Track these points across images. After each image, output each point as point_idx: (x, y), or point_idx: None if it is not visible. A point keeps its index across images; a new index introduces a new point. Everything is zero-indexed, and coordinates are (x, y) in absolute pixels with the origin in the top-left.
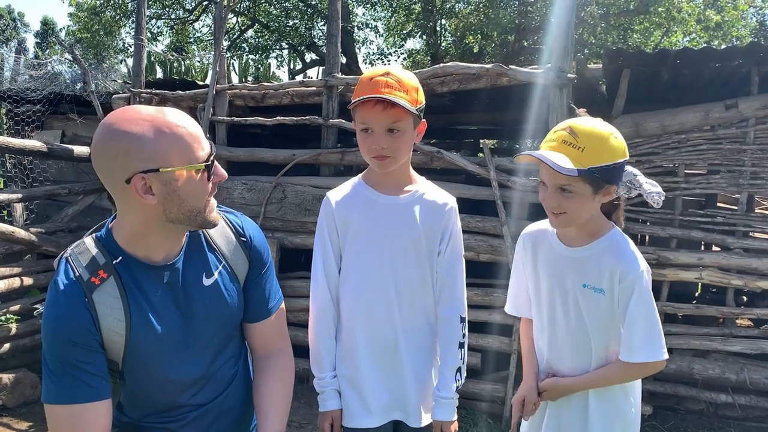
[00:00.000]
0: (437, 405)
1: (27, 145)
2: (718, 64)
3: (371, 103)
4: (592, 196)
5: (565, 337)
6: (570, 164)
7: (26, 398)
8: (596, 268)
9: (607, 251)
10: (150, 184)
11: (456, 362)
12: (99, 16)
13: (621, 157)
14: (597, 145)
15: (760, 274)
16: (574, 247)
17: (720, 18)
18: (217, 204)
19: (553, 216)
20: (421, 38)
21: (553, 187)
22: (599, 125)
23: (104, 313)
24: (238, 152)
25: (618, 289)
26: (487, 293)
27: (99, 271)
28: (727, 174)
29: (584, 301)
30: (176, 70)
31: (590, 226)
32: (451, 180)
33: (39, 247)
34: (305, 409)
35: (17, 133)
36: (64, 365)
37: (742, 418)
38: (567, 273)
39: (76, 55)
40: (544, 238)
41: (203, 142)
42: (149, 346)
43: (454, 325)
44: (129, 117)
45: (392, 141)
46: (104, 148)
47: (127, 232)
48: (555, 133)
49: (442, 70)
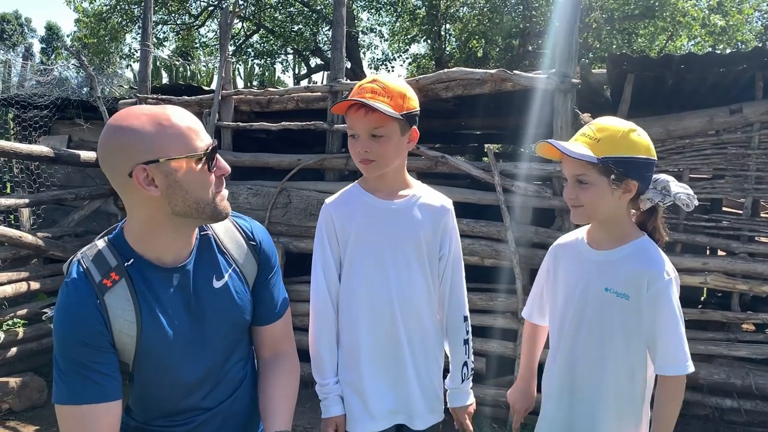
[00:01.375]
0: (450, 396)
1: (34, 150)
2: (723, 69)
3: (355, 107)
4: (609, 189)
5: (583, 343)
6: (585, 150)
7: (33, 402)
8: (622, 272)
9: (634, 256)
10: (152, 176)
11: (462, 357)
12: (105, 22)
13: (642, 153)
14: (613, 137)
15: (765, 279)
16: (601, 250)
17: (725, 22)
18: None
19: (573, 209)
20: (426, 43)
21: (570, 178)
22: (620, 122)
23: (116, 315)
24: (244, 157)
25: (646, 296)
26: (491, 298)
27: (111, 273)
28: (731, 178)
29: (605, 306)
30: (182, 75)
31: (618, 229)
32: (456, 184)
33: (46, 251)
34: (310, 413)
35: (24, 138)
36: (75, 366)
37: (748, 423)
38: (591, 276)
39: (83, 61)
40: (574, 246)
41: (203, 135)
42: (160, 348)
43: (458, 324)
44: (131, 114)
45: (376, 146)
46: (107, 144)
47: (137, 231)
48: (578, 132)
49: (447, 76)
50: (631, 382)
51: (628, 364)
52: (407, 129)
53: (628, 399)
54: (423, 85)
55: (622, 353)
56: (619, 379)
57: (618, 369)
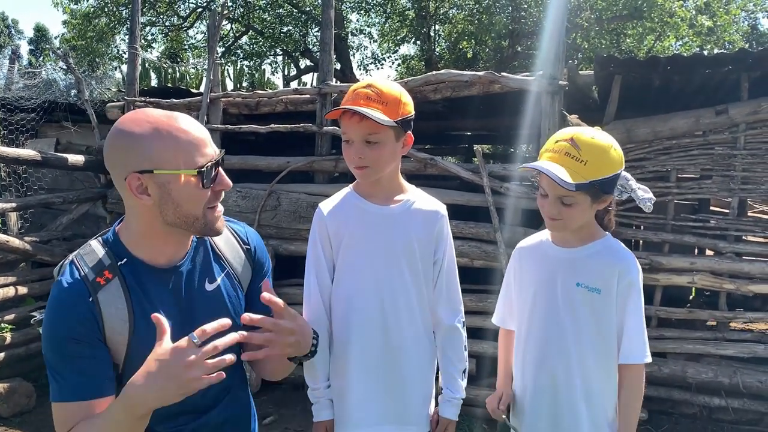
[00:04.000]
0: (448, 404)
1: (21, 154)
2: (709, 70)
3: (349, 114)
4: (590, 206)
5: (554, 339)
6: (571, 179)
7: (21, 408)
8: (593, 267)
9: (605, 252)
10: (146, 185)
11: (464, 364)
12: (93, 24)
13: (619, 168)
14: (599, 158)
15: (752, 278)
16: (568, 248)
17: (713, 23)
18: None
19: (551, 221)
20: (415, 44)
21: (553, 197)
22: (600, 137)
23: (108, 312)
24: (232, 160)
25: (617, 289)
26: (481, 299)
27: (104, 272)
28: (718, 179)
29: (577, 301)
30: (171, 77)
31: (585, 230)
32: (445, 186)
33: (34, 255)
34: (302, 416)
35: (11, 141)
36: (67, 362)
37: (736, 422)
38: (558, 273)
39: (70, 64)
40: (539, 247)
41: (205, 149)
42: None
43: (457, 329)
44: (136, 118)
45: (370, 152)
46: (109, 145)
47: (133, 232)
48: (557, 143)
49: (435, 78)
50: (606, 373)
51: (602, 356)
52: (402, 135)
53: (605, 389)
54: (412, 88)
55: (595, 346)
56: (595, 371)
57: (593, 361)
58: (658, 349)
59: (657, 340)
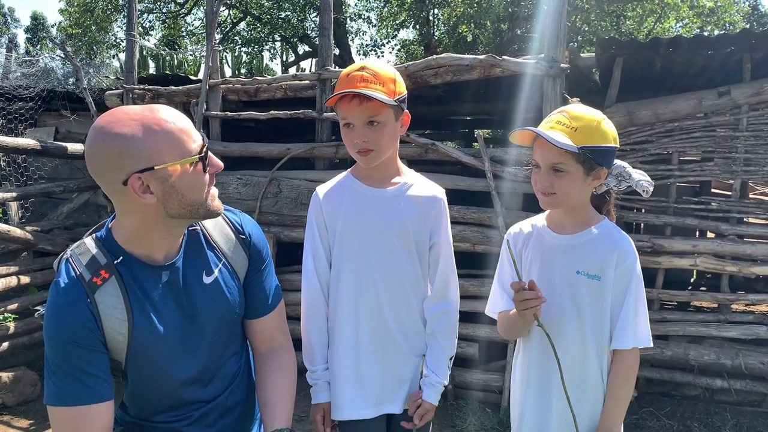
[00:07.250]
0: (432, 389)
1: (20, 143)
2: (711, 52)
3: (348, 97)
4: (583, 177)
5: (556, 327)
6: (566, 140)
7: (26, 396)
8: (592, 254)
9: (603, 238)
10: (147, 183)
11: (452, 351)
12: (90, 12)
13: (612, 142)
14: (589, 126)
15: (754, 260)
16: (565, 234)
17: (713, 3)
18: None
19: (543, 196)
20: (414, 28)
21: (546, 166)
22: (591, 111)
23: (106, 312)
24: (233, 147)
25: (615, 273)
26: (482, 284)
27: (100, 271)
28: (720, 161)
29: (577, 289)
30: (169, 64)
31: (581, 215)
32: (446, 171)
33: (35, 245)
34: (305, 401)
35: (10, 131)
36: (67, 366)
37: (738, 403)
38: (558, 260)
39: (68, 52)
40: (533, 233)
41: (194, 134)
42: (152, 345)
43: (452, 316)
44: (118, 119)
45: (373, 134)
46: (97, 152)
47: (128, 232)
48: (549, 117)
49: (435, 62)
50: (603, 358)
51: (600, 341)
52: (400, 114)
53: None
54: (412, 72)
55: (594, 332)
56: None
57: (593, 347)
58: (660, 331)
59: (659, 323)
